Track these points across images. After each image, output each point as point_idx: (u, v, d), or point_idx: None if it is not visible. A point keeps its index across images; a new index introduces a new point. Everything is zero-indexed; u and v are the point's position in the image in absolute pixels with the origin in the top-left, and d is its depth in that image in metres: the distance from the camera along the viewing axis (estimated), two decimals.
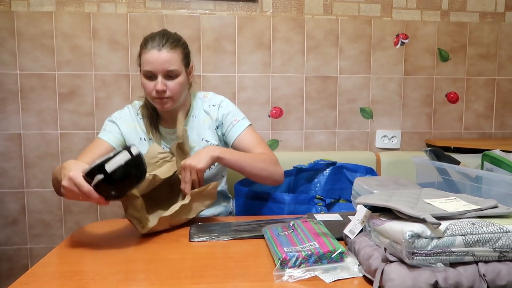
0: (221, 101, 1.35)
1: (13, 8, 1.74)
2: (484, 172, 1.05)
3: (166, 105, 1.23)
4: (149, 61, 1.19)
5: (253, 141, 1.30)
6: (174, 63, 1.20)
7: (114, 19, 1.77)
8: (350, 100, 1.91)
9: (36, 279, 0.77)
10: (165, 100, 1.22)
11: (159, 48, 1.18)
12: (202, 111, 1.34)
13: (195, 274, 0.79)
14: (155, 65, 1.18)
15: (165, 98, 1.22)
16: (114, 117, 1.33)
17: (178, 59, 1.21)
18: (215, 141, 1.33)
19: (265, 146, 1.31)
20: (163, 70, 1.19)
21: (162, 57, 1.18)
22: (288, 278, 0.74)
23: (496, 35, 1.95)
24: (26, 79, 1.77)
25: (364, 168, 1.62)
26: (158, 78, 1.19)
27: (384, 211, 0.78)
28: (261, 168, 1.22)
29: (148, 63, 1.19)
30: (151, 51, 1.18)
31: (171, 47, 1.19)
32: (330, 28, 1.87)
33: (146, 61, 1.19)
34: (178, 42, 1.23)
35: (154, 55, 1.18)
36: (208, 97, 1.37)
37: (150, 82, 1.21)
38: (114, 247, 0.94)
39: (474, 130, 1.99)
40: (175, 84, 1.21)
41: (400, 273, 0.66)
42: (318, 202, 1.33)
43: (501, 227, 0.67)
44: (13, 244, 1.84)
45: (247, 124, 1.33)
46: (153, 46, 1.18)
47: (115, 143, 1.29)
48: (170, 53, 1.19)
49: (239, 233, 1.01)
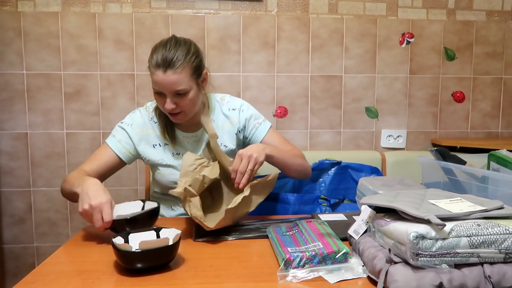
0: (241, 105, 1.32)
1: (20, 8, 1.75)
2: (491, 172, 1.05)
3: (179, 120, 1.20)
4: (155, 81, 1.14)
5: (279, 140, 1.33)
6: (182, 83, 1.14)
7: (120, 19, 1.78)
8: (355, 100, 1.91)
9: (42, 278, 0.78)
10: (178, 116, 1.19)
11: (165, 69, 1.11)
12: (221, 115, 1.31)
13: (199, 273, 0.79)
14: (162, 87, 1.13)
15: (177, 113, 1.18)
16: (125, 124, 1.27)
17: (186, 77, 1.14)
18: (233, 145, 1.31)
19: (290, 143, 1.35)
20: (171, 91, 1.14)
21: (168, 79, 1.12)
22: (292, 278, 0.74)
23: (503, 34, 1.93)
24: (32, 79, 1.78)
25: (369, 168, 1.61)
26: (167, 98, 1.15)
27: (389, 212, 0.78)
28: (299, 164, 1.28)
29: (155, 83, 1.14)
30: (156, 72, 1.12)
31: (177, 67, 1.12)
32: (335, 27, 1.86)
33: (153, 80, 1.15)
34: (185, 58, 1.14)
35: (160, 77, 1.12)
36: (226, 100, 1.33)
37: (160, 99, 1.17)
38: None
39: (481, 129, 1.98)
40: (185, 101, 1.16)
41: (404, 274, 0.65)
42: (322, 202, 1.32)
43: (507, 229, 0.67)
44: (20, 243, 1.85)
45: (269, 125, 1.33)
46: (158, 65, 1.12)
47: (123, 154, 1.24)
48: (176, 74, 1.12)
49: (243, 233, 1.02)
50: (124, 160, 1.25)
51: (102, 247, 0.95)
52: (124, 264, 0.80)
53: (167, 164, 1.26)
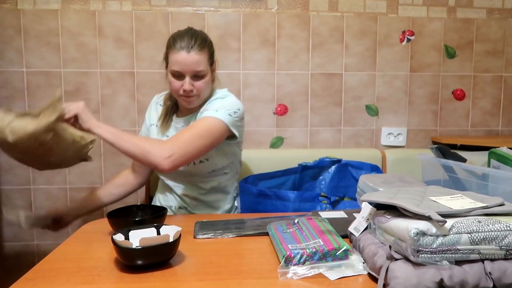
0: (224, 95, 1.31)
1: (19, 6, 1.75)
2: (491, 169, 1.05)
3: (192, 102, 1.27)
4: (178, 61, 1.21)
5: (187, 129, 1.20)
6: (202, 64, 1.23)
7: (119, 17, 1.78)
8: (356, 97, 1.90)
9: (42, 275, 0.78)
10: (191, 98, 1.26)
11: (188, 49, 1.20)
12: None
13: (200, 271, 0.79)
14: (184, 66, 1.21)
15: (192, 96, 1.25)
16: (147, 110, 1.45)
17: (205, 60, 1.24)
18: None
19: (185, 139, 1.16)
20: (192, 71, 1.22)
21: (191, 58, 1.20)
22: (293, 275, 0.74)
23: (503, 32, 1.92)
24: (32, 77, 1.78)
25: (369, 166, 1.62)
26: (186, 79, 1.22)
27: (389, 209, 0.78)
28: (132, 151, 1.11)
29: (176, 63, 1.21)
30: (180, 52, 1.20)
31: (200, 49, 1.22)
32: (336, 25, 1.86)
33: (174, 61, 1.21)
34: (205, 42, 1.25)
35: (183, 56, 1.20)
36: (220, 92, 1.35)
37: (177, 81, 1.24)
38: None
39: (481, 127, 1.97)
40: (201, 83, 1.24)
41: (405, 270, 0.65)
42: (323, 200, 1.32)
43: (508, 225, 0.67)
44: (20, 241, 1.86)
45: (211, 115, 1.22)
46: (182, 47, 1.20)
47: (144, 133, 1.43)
48: (199, 55, 1.21)
49: (244, 230, 1.02)
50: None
51: (103, 244, 0.95)
52: (125, 261, 0.80)
53: None
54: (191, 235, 1.00)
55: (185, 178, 1.34)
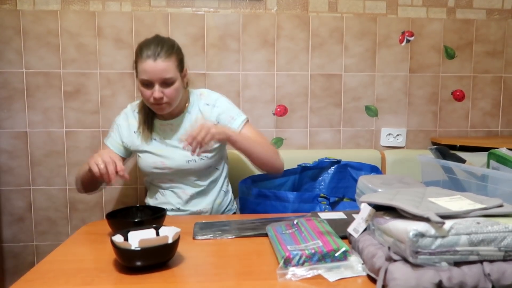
0: (216, 100, 1.37)
1: (19, 7, 1.75)
2: (490, 170, 1.05)
3: (163, 110, 1.27)
4: (146, 70, 1.21)
5: (253, 133, 1.34)
6: (170, 71, 1.22)
7: (119, 18, 1.78)
8: (355, 98, 1.90)
9: (41, 276, 0.78)
10: (162, 105, 1.26)
11: (155, 57, 1.20)
12: (196, 109, 1.36)
13: (199, 272, 0.79)
14: (152, 74, 1.21)
15: (162, 103, 1.25)
16: (117, 119, 1.40)
17: (173, 66, 1.23)
18: None
19: (265, 138, 1.36)
20: (159, 78, 1.21)
21: (158, 66, 1.20)
22: (292, 276, 0.74)
23: (503, 32, 1.92)
24: (31, 78, 1.78)
25: (369, 167, 1.62)
26: (155, 87, 1.22)
27: (388, 210, 0.77)
28: (266, 155, 1.29)
29: (144, 72, 1.21)
30: (146, 61, 1.20)
31: (166, 56, 1.22)
32: (335, 25, 1.86)
33: (142, 70, 1.22)
34: (172, 49, 1.25)
35: (150, 65, 1.20)
36: (205, 95, 1.39)
37: (147, 90, 1.24)
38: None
39: (480, 128, 1.97)
40: (171, 90, 1.24)
41: (404, 272, 0.65)
42: (322, 201, 1.32)
43: (507, 227, 0.66)
44: (19, 241, 1.85)
45: (243, 118, 1.35)
46: (149, 55, 1.20)
47: (118, 150, 1.36)
48: (166, 62, 1.21)
49: (243, 231, 1.02)
50: (118, 153, 1.35)
51: (102, 245, 0.95)
52: (124, 262, 0.80)
53: (145, 150, 1.34)
54: (190, 236, 1.00)
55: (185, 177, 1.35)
